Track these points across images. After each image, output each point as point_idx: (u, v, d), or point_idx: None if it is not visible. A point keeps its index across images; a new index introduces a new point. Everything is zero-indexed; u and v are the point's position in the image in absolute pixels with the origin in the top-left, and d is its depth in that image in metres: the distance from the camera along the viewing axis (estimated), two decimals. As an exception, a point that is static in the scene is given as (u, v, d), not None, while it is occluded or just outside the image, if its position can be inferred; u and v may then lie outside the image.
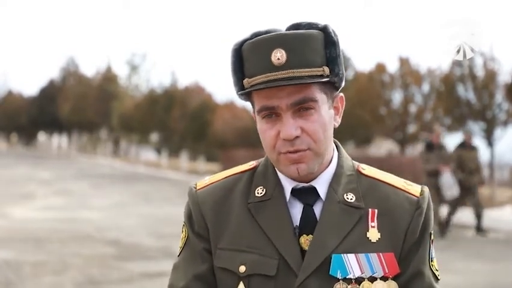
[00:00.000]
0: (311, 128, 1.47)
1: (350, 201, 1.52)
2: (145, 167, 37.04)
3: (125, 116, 44.00)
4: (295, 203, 1.53)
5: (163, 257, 9.73)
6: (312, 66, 1.46)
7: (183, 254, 1.60)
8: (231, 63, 1.53)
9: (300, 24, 1.50)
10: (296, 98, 1.46)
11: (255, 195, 1.56)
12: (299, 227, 1.50)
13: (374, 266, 1.47)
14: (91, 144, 59.30)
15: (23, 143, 71.98)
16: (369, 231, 1.50)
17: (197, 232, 1.58)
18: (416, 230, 1.52)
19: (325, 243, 1.48)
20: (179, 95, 40.18)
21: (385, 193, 1.55)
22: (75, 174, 29.34)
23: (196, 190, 1.62)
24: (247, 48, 1.50)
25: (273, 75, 1.44)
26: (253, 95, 1.51)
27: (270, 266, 1.48)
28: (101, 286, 7.83)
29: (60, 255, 9.67)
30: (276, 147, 1.49)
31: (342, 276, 1.46)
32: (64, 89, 60.10)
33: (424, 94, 24.35)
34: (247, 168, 1.63)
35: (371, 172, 1.59)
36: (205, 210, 1.57)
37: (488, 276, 8.78)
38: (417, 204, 1.54)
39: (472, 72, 20.13)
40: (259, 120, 1.51)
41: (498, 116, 20.06)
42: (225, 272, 1.52)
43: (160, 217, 14.68)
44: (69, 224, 13.03)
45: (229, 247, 1.53)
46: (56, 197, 18.70)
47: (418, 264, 1.51)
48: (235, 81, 1.53)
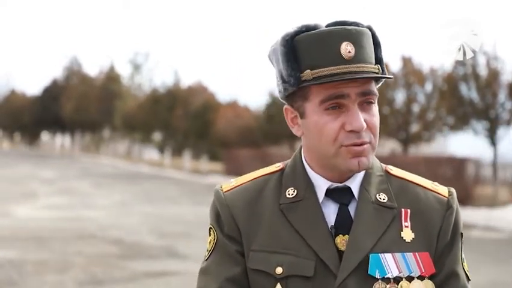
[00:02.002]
0: (373, 122, 1.48)
1: (383, 202, 1.52)
2: (147, 166, 37.07)
3: (128, 115, 44.03)
4: (329, 203, 1.52)
5: (165, 256, 9.74)
6: (372, 62, 1.48)
7: (213, 257, 1.55)
8: (283, 54, 1.48)
9: (346, 22, 1.50)
10: (364, 89, 1.46)
11: (286, 197, 1.53)
12: (335, 227, 1.49)
13: (411, 266, 1.48)
14: (94, 143, 59.37)
15: (26, 142, 72.09)
16: (403, 231, 1.50)
17: (227, 234, 1.54)
18: (448, 231, 1.52)
19: (362, 243, 1.47)
20: (182, 95, 40.18)
21: (415, 193, 1.55)
22: (78, 174, 29.38)
23: (224, 192, 1.58)
24: (306, 39, 1.47)
25: (345, 68, 1.43)
26: (312, 88, 1.47)
27: (308, 267, 1.47)
28: (103, 285, 7.84)
29: (63, 254, 9.69)
30: (337, 140, 1.46)
31: (380, 275, 1.46)
32: (67, 89, 60.19)
33: (427, 93, 24.30)
34: (275, 169, 1.60)
35: (399, 173, 1.59)
36: (236, 212, 1.54)
37: (492, 275, 8.78)
38: (447, 204, 1.54)
39: (474, 71, 20.09)
40: (319, 113, 1.46)
41: (501, 115, 20.01)
42: (260, 274, 1.49)
43: (163, 216, 14.70)
44: (72, 223, 13.05)
45: (263, 249, 1.50)
46: (59, 196, 18.73)
47: (452, 265, 1.52)
48: (289, 72, 1.47)
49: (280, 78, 1.50)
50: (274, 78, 1.55)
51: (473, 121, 20.38)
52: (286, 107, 1.55)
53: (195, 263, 9.09)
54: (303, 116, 1.50)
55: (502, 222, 13.76)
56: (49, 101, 63.20)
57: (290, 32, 1.48)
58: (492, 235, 12.65)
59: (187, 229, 12.44)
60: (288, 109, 1.54)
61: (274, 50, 1.52)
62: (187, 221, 13.81)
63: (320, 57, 1.45)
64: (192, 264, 9.00)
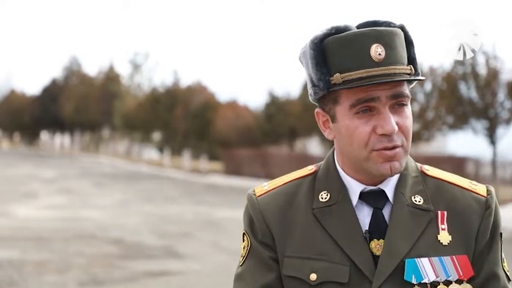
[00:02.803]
0: (405, 125, 1.45)
1: (418, 204, 1.49)
2: (147, 166, 37.07)
3: (127, 115, 44.01)
4: (362, 207, 1.50)
5: (166, 256, 9.75)
6: (404, 63, 1.46)
7: (247, 263, 1.53)
8: (312, 57, 1.46)
9: (377, 21, 1.48)
10: (395, 91, 1.43)
11: (319, 201, 1.51)
12: (369, 231, 1.47)
13: (448, 270, 1.45)
14: (94, 143, 59.36)
15: (25, 142, 72.06)
16: (440, 234, 1.47)
17: (261, 240, 1.51)
18: (487, 231, 1.50)
19: (397, 248, 1.44)
20: (182, 94, 40.19)
21: (452, 194, 1.52)
22: (78, 173, 29.38)
23: (257, 197, 1.55)
24: (335, 42, 1.45)
25: (375, 71, 1.41)
26: (343, 91, 1.45)
27: (342, 273, 1.45)
28: (104, 285, 7.85)
29: (63, 254, 9.69)
30: (369, 144, 1.43)
31: (417, 281, 1.43)
32: (67, 89, 60.16)
33: (426, 93, 24.29)
34: (308, 173, 1.57)
35: (435, 173, 1.56)
36: (269, 217, 1.52)
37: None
38: (486, 204, 1.52)
39: (474, 70, 20.10)
40: (349, 117, 1.44)
41: (501, 114, 20.02)
42: (295, 281, 1.47)
43: (163, 216, 14.70)
44: (72, 223, 13.05)
45: (297, 255, 1.48)
46: (59, 196, 18.73)
47: (492, 266, 1.49)
48: (320, 76, 1.45)
49: (310, 82, 1.48)
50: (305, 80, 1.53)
51: (473, 120, 20.38)
52: (317, 110, 1.53)
53: (195, 262, 9.10)
54: (334, 120, 1.48)
55: (502, 221, 13.74)
56: (49, 100, 63.16)
57: (319, 35, 1.46)
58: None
59: (187, 229, 12.44)
60: (320, 112, 1.52)
61: (304, 53, 1.50)
62: (186, 221, 13.82)
63: (349, 60, 1.43)
64: (191, 263, 9.01)
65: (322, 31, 1.47)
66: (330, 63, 1.45)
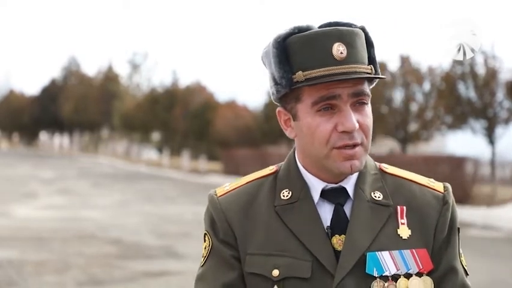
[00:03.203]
0: (365, 123, 1.47)
1: (378, 200, 1.52)
2: (146, 166, 37.07)
3: (126, 115, 44.00)
4: (324, 204, 1.52)
5: (165, 256, 9.75)
6: (365, 63, 1.47)
7: (208, 263, 1.54)
8: (275, 56, 1.47)
9: (339, 22, 1.50)
10: (357, 90, 1.45)
11: (281, 198, 1.53)
12: (330, 227, 1.49)
13: (409, 263, 1.48)
14: (93, 143, 59.35)
15: (24, 142, 72.03)
16: (400, 228, 1.50)
17: (222, 239, 1.53)
18: (445, 226, 1.53)
19: (358, 242, 1.47)
20: (181, 94, 40.19)
21: (411, 190, 1.55)
22: (77, 174, 29.37)
23: (218, 197, 1.57)
24: (298, 41, 1.46)
25: (337, 69, 1.43)
26: (305, 89, 1.46)
27: (304, 268, 1.47)
28: (103, 285, 7.85)
29: (63, 254, 9.69)
30: (329, 142, 1.46)
31: (378, 274, 1.46)
32: (66, 89, 60.16)
33: (425, 92, 24.32)
34: (269, 172, 1.59)
35: (394, 170, 1.59)
36: (231, 216, 1.53)
37: (491, 274, 8.79)
38: (443, 200, 1.54)
39: (473, 70, 20.11)
40: (311, 115, 1.46)
41: (499, 114, 20.04)
42: (257, 277, 1.49)
43: (162, 216, 14.70)
44: (71, 223, 13.06)
45: (260, 252, 1.49)
46: (58, 196, 18.73)
47: (450, 260, 1.52)
48: (282, 74, 1.47)
49: (273, 80, 1.49)
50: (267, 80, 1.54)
51: (472, 120, 20.40)
52: (279, 109, 1.54)
53: (194, 262, 9.09)
54: (295, 118, 1.50)
55: (501, 221, 13.77)
56: (48, 101, 63.16)
57: (282, 34, 1.48)
58: (490, 234, 12.67)
59: (186, 229, 12.44)
60: (281, 111, 1.54)
61: (266, 52, 1.51)
62: (186, 221, 13.82)
63: (311, 59, 1.44)
64: (190, 263, 9.01)
65: (285, 30, 1.49)
66: (292, 62, 1.46)
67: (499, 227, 13.43)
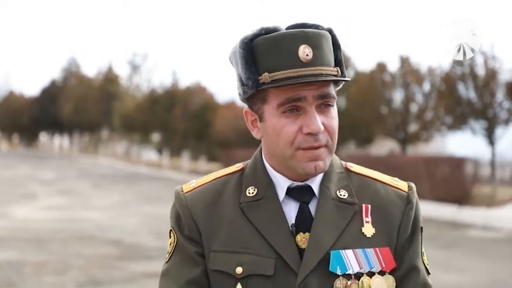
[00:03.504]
0: (330, 124, 1.48)
1: (343, 198, 1.53)
2: (146, 167, 37.07)
3: (126, 116, 43.99)
4: (289, 202, 1.52)
5: (164, 256, 9.71)
6: (331, 65, 1.48)
7: (173, 259, 1.56)
8: (242, 56, 1.48)
9: (305, 24, 1.50)
10: (322, 92, 1.46)
11: (246, 195, 1.54)
12: (295, 225, 1.50)
13: (372, 261, 1.48)
14: (93, 144, 59.34)
15: (24, 143, 72.03)
16: (364, 227, 1.51)
17: (187, 236, 1.53)
18: (408, 225, 1.54)
19: (322, 240, 1.47)
20: (181, 95, 40.17)
21: (375, 189, 1.56)
22: (77, 175, 29.37)
23: (184, 193, 1.58)
24: (265, 42, 1.47)
25: (303, 71, 1.44)
26: (271, 90, 1.47)
27: (268, 266, 1.47)
28: (103, 286, 7.85)
29: (62, 255, 9.69)
30: (294, 143, 1.47)
31: (341, 272, 1.46)
32: (66, 90, 60.14)
33: (425, 93, 24.33)
34: (235, 169, 1.61)
35: (359, 169, 1.60)
36: (196, 213, 1.54)
37: (491, 274, 8.79)
38: (407, 199, 1.56)
39: (472, 71, 20.12)
40: (276, 116, 1.47)
41: (499, 114, 20.05)
42: (221, 275, 1.50)
43: (162, 217, 14.68)
44: (71, 224, 13.05)
45: (224, 249, 1.50)
46: (58, 197, 18.73)
47: (413, 259, 1.53)
48: (249, 75, 1.48)
49: (239, 81, 1.51)
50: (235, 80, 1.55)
51: (471, 121, 20.41)
52: (246, 109, 1.56)
53: (194, 263, 9.09)
54: (262, 119, 1.51)
55: (501, 222, 13.77)
56: (47, 102, 63.15)
57: (249, 35, 1.49)
58: (490, 234, 12.67)
59: (186, 230, 12.43)
60: (248, 112, 1.55)
61: (233, 53, 1.52)
62: (186, 222, 13.81)
63: (278, 60, 1.45)
64: (191, 264, 9.00)
65: (252, 31, 1.49)
66: (259, 63, 1.47)
67: (499, 227, 13.42)
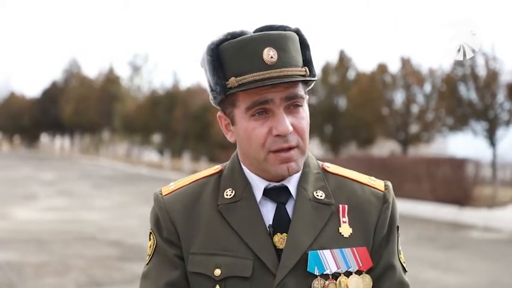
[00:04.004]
0: (300, 125, 1.49)
1: (320, 199, 1.53)
2: (147, 168, 37.07)
3: (127, 117, 44.01)
4: (266, 203, 1.53)
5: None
6: (298, 65, 1.48)
7: (153, 261, 1.56)
8: (209, 62, 1.50)
9: (272, 26, 1.52)
10: (289, 93, 1.47)
11: (224, 197, 1.55)
12: (273, 226, 1.50)
13: (349, 261, 1.49)
14: (93, 145, 59.36)
15: (25, 144, 72.07)
16: (341, 227, 1.52)
17: (166, 238, 1.54)
18: (385, 224, 1.55)
19: (300, 241, 1.48)
20: (182, 96, 40.18)
21: (352, 189, 1.57)
22: (77, 176, 29.38)
23: (163, 196, 1.59)
24: (231, 47, 1.48)
25: (268, 73, 1.44)
26: (239, 94, 1.48)
27: (245, 267, 1.47)
28: (103, 287, 7.84)
29: (63, 256, 9.69)
30: (265, 146, 1.48)
31: (319, 272, 1.47)
32: (66, 91, 60.18)
33: (426, 94, 24.33)
34: (213, 172, 1.63)
35: (336, 170, 1.61)
36: (174, 215, 1.55)
37: (491, 275, 8.78)
38: (383, 198, 1.57)
39: (473, 72, 20.12)
40: (246, 119, 1.49)
41: (500, 115, 20.05)
42: (200, 277, 1.50)
43: (163, 218, 14.69)
44: (71, 225, 13.05)
45: (202, 251, 1.51)
46: (59, 198, 18.73)
47: (389, 258, 1.54)
48: (216, 81, 1.49)
49: (209, 87, 1.53)
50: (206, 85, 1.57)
51: (472, 122, 20.41)
52: (219, 114, 1.57)
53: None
54: (233, 123, 1.53)
55: (502, 223, 13.75)
56: (48, 103, 63.20)
57: (215, 41, 1.51)
58: (492, 235, 12.65)
59: (187, 231, 12.43)
60: (222, 116, 1.57)
61: (202, 59, 1.54)
62: (186, 223, 13.80)
63: (243, 64, 1.47)
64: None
65: (218, 37, 1.51)
66: (226, 68, 1.49)
67: (499, 228, 13.41)
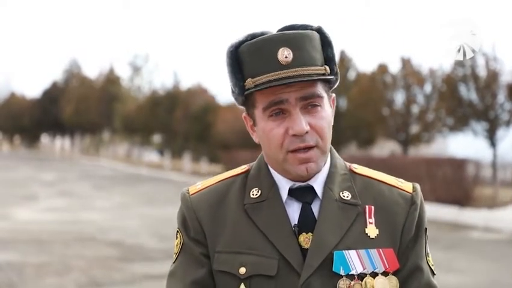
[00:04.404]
0: (318, 124, 1.49)
1: (346, 199, 1.53)
2: (147, 168, 37.07)
3: (127, 117, 44.01)
4: (292, 203, 1.54)
5: (165, 258, 9.73)
6: (316, 64, 1.48)
7: (179, 260, 1.58)
8: (229, 65, 1.52)
9: (294, 25, 1.52)
10: (305, 93, 1.47)
11: (250, 197, 1.56)
12: (298, 225, 1.51)
13: (375, 262, 1.49)
14: (94, 146, 59.36)
15: (25, 145, 72.07)
16: (368, 228, 1.52)
17: (193, 237, 1.56)
18: (412, 226, 1.54)
19: (326, 241, 1.48)
20: (182, 97, 40.17)
21: (379, 190, 1.57)
22: (78, 176, 29.38)
23: (190, 195, 1.61)
24: (248, 49, 1.50)
25: (283, 73, 1.45)
26: (257, 95, 1.50)
27: (270, 266, 1.48)
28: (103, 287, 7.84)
29: (63, 256, 9.68)
30: (284, 146, 1.49)
31: (345, 272, 1.47)
32: (67, 91, 60.17)
33: (426, 95, 24.31)
34: (240, 171, 1.64)
35: (363, 171, 1.61)
36: (201, 214, 1.56)
37: (491, 275, 8.78)
38: (411, 200, 1.56)
39: (474, 72, 20.10)
40: (264, 120, 1.50)
41: (501, 116, 20.03)
42: (225, 275, 1.51)
43: (163, 218, 14.69)
44: (72, 226, 13.05)
45: (228, 250, 1.52)
46: (59, 199, 18.73)
47: (416, 260, 1.53)
48: (235, 82, 1.52)
49: (230, 88, 1.55)
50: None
51: (473, 122, 20.38)
52: (244, 115, 1.59)
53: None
54: (255, 124, 1.55)
55: (502, 223, 13.75)
56: (49, 103, 63.19)
57: (234, 43, 1.53)
58: (492, 236, 12.65)
59: (187, 231, 12.42)
60: (246, 117, 1.59)
61: (225, 62, 1.55)
62: (187, 223, 13.80)
63: (259, 65, 1.48)
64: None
65: (238, 39, 1.53)
66: (244, 70, 1.51)
67: (500, 229, 13.40)
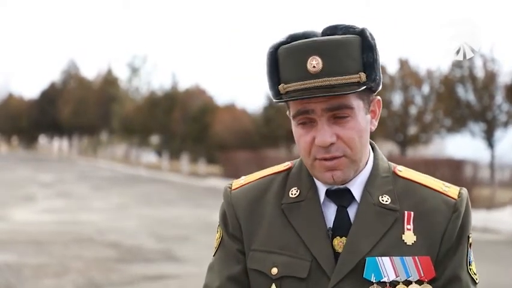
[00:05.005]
0: (347, 135, 1.45)
1: (385, 204, 1.50)
2: (145, 169, 37.05)
3: (125, 118, 43.98)
4: (330, 205, 1.52)
5: (163, 259, 9.73)
6: (348, 73, 1.43)
7: (218, 254, 1.59)
8: (267, 66, 1.50)
9: (337, 27, 1.48)
10: (331, 104, 1.44)
11: (289, 196, 1.54)
12: (332, 229, 1.49)
13: (409, 270, 1.45)
14: (92, 147, 59.31)
15: (23, 146, 71.99)
16: (405, 234, 1.47)
17: (231, 233, 1.56)
18: (453, 234, 1.51)
19: (359, 246, 1.46)
20: (180, 98, 40.16)
21: (422, 195, 1.52)
22: (76, 177, 29.35)
23: (231, 190, 1.60)
24: (283, 52, 1.48)
25: (309, 83, 1.42)
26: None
27: (302, 268, 1.47)
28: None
29: (61, 257, 9.67)
30: (311, 153, 1.48)
31: (376, 279, 1.44)
32: (65, 92, 60.13)
33: (424, 95, 24.33)
34: (282, 169, 1.61)
35: (407, 174, 1.56)
36: (239, 211, 1.56)
37: (489, 277, 8.78)
38: (454, 207, 1.52)
39: (471, 73, 20.13)
40: (295, 125, 1.50)
41: (498, 117, 20.05)
42: (258, 274, 1.51)
43: (161, 219, 14.68)
44: (70, 227, 13.04)
45: (262, 248, 1.52)
46: (57, 200, 18.71)
47: (455, 269, 1.50)
48: (271, 85, 1.51)
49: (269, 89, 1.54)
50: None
51: (471, 123, 20.41)
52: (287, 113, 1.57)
53: (193, 266, 9.08)
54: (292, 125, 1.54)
55: (500, 224, 13.76)
56: (47, 104, 63.13)
57: (275, 44, 1.50)
58: (490, 237, 12.66)
59: (185, 232, 12.42)
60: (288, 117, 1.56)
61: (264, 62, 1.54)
62: (185, 224, 13.80)
63: (290, 72, 1.46)
64: (190, 267, 8.99)
65: (279, 39, 1.50)
66: (280, 73, 1.49)
67: (498, 229, 13.41)
